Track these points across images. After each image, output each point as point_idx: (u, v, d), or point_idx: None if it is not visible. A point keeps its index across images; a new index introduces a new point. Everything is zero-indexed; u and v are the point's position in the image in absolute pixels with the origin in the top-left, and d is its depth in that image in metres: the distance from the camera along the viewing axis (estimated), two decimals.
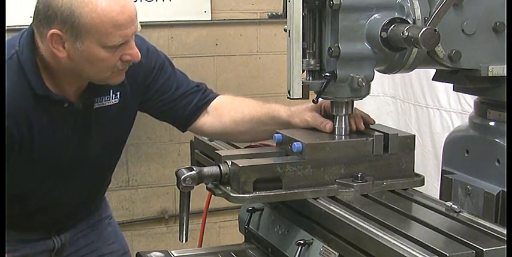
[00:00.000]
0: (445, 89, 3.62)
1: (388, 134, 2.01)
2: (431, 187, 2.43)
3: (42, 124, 2.21)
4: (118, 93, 2.36)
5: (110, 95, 2.34)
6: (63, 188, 2.37)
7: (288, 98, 1.93)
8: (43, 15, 2.10)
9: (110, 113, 2.36)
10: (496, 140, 2.08)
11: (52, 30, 2.08)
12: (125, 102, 2.38)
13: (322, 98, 1.98)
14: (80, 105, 2.28)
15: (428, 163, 3.66)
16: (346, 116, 2.04)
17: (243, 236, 2.32)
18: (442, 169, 2.32)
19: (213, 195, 2.40)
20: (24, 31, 2.25)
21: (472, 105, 2.25)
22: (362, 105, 3.90)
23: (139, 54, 2.17)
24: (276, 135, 2.07)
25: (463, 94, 3.18)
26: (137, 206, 4.46)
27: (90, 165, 2.39)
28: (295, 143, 1.95)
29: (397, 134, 2.02)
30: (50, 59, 2.16)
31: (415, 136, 2.06)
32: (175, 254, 2.20)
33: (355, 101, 2.05)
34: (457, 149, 2.25)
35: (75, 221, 2.55)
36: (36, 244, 2.46)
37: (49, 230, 2.50)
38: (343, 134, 2.04)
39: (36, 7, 2.13)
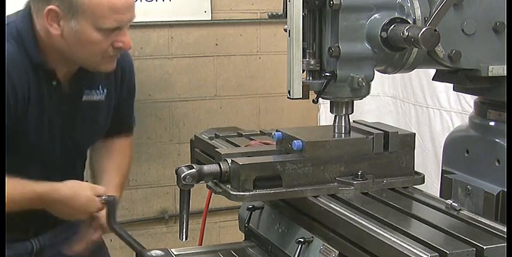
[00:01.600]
0: (445, 89, 3.62)
1: (388, 132, 2.01)
2: (432, 187, 2.43)
3: (32, 96, 2.21)
4: (105, 90, 2.39)
5: (98, 90, 2.37)
6: (39, 172, 2.34)
7: (288, 98, 1.93)
8: None
9: (98, 110, 2.39)
10: (496, 140, 2.08)
11: (49, 7, 2.10)
12: (109, 100, 2.42)
13: (322, 98, 1.98)
14: (67, 89, 2.28)
15: (428, 163, 3.66)
16: (347, 116, 2.04)
17: (243, 235, 2.32)
18: (442, 169, 2.32)
19: (212, 195, 2.41)
20: (22, 9, 2.27)
21: (472, 105, 2.25)
22: (362, 105, 3.92)
23: (131, 43, 2.18)
24: (276, 133, 2.07)
25: (463, 94, 3.18)
26: (137, 206, 4.46)
27: (65, 151, 2.40)
28: (295, 141, 1.95)
29: (397, 132, 2.02)
30: (44, 36, 2.18)
31: (415, 134, 2.06)
32: (175, 253, 2.20)
33: (355, 101, 2.05)
34: (457, 149, 2.25)
35: (54, 221, 2.48)
36: (13, 246, 2.39)
37: (27, 230, 2.45)
38: (343, 132, 2.04)
39: None
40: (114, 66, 2.27)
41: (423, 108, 3.85)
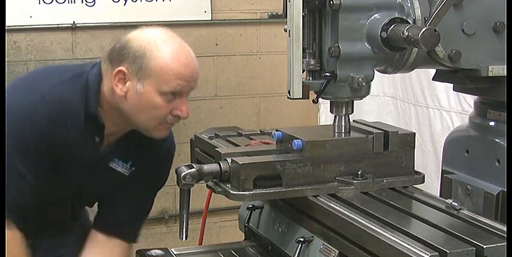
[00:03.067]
0: (445, 89, 3.62)
1: (388, 131, 2.01)
2: (432, 187, 2.43)
3: (73, 143, 2.25)
4: (133, 168, 2.40)
5: (127, 164, 2.40)
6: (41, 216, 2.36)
7: (288, 98, 1.93)
8: (117, 54, 2.21)
9: (114, 180, 2.40)
10: (496, 140, 2.08)
11: (119, 68, 2.19)
12: (129, 177, 2.41)
13: (322, 98, 1.98)
14: (103, 149, 2.33)
15: (428, 163, 3.66)
16: (347, 116, 2.04)
17: (243, 235, 2.32)
18: (442, 169, 2.32)
19: (212, 194, 2.41)
20: (94, 63, 2.34)
21: (472, 105, 2.25)
22: (362, 105, 3.92)
23: (189, 113, 2.24)
24: (276, 133, 2.07)
25: (463, 94, 3.18)
26: None
27: (69, 200, 2.42)
28: (295, 140, 1.95)
29: (397, 131, 2.02)
30: (108, 95, 2.25)
31: (415, 133, 2.06)
32: (175, 252, 2.20)
33: (355, 101, 2.04)
34: (457, 149, 2.25)
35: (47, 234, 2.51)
36: None
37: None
38: (343, 131, 2.03)
39: (113, 46, 2.26)
40: (167, 133, 2.33)
41: (423, 108, 3.85)
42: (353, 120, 2.10)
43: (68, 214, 2.49)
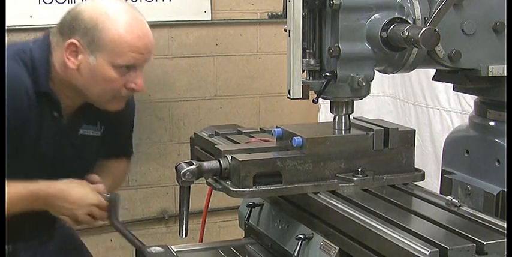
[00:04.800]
0: (445, 89, 3.62)
1: (388, 128, 2.01)
2: (432, 187, 2.42)
3: (30, 122, 2.22)
4: (103, 126, 2.41)
5: (96, 125, 2.40)
6: None
7: (288, 98, 1.93)
8: (68, 26, 2.17)
9: (91, 144, 2.41)
10: (496, 140, 2.08)
11: (71, 40, 2.15)
12: (105, 136, 2.44)
13: (322, 98, 1.98)
14: (66, 122, 2.31)
15: (428, 163, 3.66)
16: (347, 116, 2.04)
17: (243, 234, 2.32)
18: (442, 169, 2.32)
19: (212, 194, 2.41)
20: (37, 38, 2.30)
21: (472, 105, 2.25)
22: (362, 105, 3.91)
23: (143, 86, 2.21)
24: (276, 130, 2.07)
25: (463, 94, 3.18)
26: (137, 206, 4.46)
27: (54, 178, 2.37)
28: (295, 137, 1.95)
29: (397, 128, 2.02)
30: (59, 68, 2.21)
31: (415, 130, 2.06)
32: (175, 249, 2.20)
33: (355, 101, 2.04)
34: (457, 149, 2.25)
35: (33, 230, 2.49)
36: None
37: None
38: (343, 128, 2.04)
39: (63, 18, 2.21)
40: (123, 106, 2.31)
41: (423, 108, 3.85)
42: (353, 118, 2.10)
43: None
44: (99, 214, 2.33)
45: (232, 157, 1.92)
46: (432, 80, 2.25)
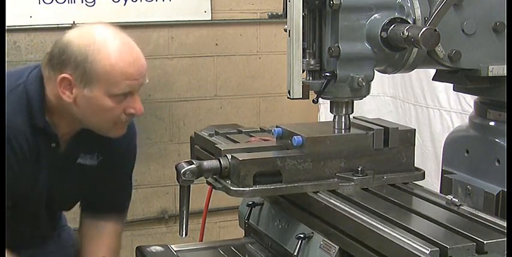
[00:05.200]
0: (445, 89, 3.62)
1: (388, 128, 2.01)
2: (432, 187, 2.42)
3: (29, 156, 2.21)
4: (100, 158, 2.39)
5: (93, 155, 2.37)
6: (24, 222, 2.36)
7: (288, 98, 1.93)
8: (57, 60, 2.13)
9: (88, 174, 2.38)
10: (496, 140, 2.08)
11: (63, 75, 2.11)
12: (102, 167, 2.41)
13: (322, 98, 1.98)
14: (63, 150, 2.29)
15: (428, 163, 3.66)
16: (347, 116, 2.04)
17: (243, 234, 2.32)
18: (442, 169, 2.32)
19: (212, 195, 2.40)
20: (33, 66, 2.26)
21: (472, 105, 2.25)
22: (362, 105, 3.91)
23: (143, 109, 2.20)
24: (276, 129, 2.07)
25: (463, 94, 3.18)
26: (137, 206, 4.46)
27: (50, 205, 2.39)
28: (295, 136, 1.95)
29: (397, 128, 2.02)
30: (55, 102, 2.19)
31: (415, 129, 2.06)
32: (175, 249, 2.20)
33: (355, 101, 2.04)
34: (457, 149, 2.25)
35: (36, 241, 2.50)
36: None
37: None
38: (343, 128, 2.03)
39: (52, 51, 2.17)
40: (125, 131, 2.28)
41: (423, 108, 3.85)
42: (353, 117, 2.10)
43: (44, 221, 2.45)
44: None
45: (232, 156, 1.92)
46: (432, 80, 2.25)
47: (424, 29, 1.78)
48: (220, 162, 1.93)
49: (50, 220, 2.50)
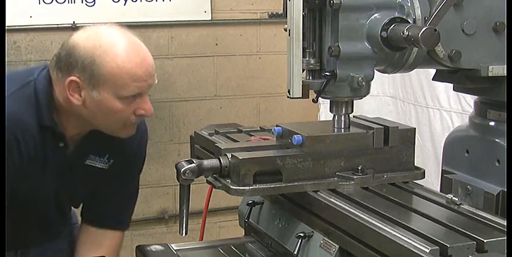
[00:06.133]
0: (445, 89, 3.62)
1: (388, 127, 2.01)
2: (432, 187, 2.42)
3: (36, 156, 2.21)
4: (111, 160, 2.37)
5: (104, 158, 2.36)
6: (32, 223, 2.36)
7: (287, 97, 1.93)
8: (64, 62, 2.12)
9: (96, 176, 2.38)
10: (496, 140, 2.08)
11: (71, 78, 2.10)
12: (110, 170, 2.40)
13: (322, 97, 1.98)
14: (72, 150, 2.29)
15: (428, 163, 3.66)
16: (346, 115, 2.04)
17: (243, 233, 2.32)
18: (442, 169, 2.32)
19: (212, 195, 2.40)
20: (42, 68, 2.25)
21: (472, 105, 2.25)
22: (362, 105, 3.91)
23: (152, 109, 2.19)
24: (276, 128, 2.07)
25: (463, 94, 3.18)
26: (137, 206, 4.41)
27: (59, 205, 2.40)
28: (295, 135, 1.95)
29: (397, 127, 2.02)
30: (64, 103, 2.19)
31: (415, 128, 2.06)
32: (175, 248, 2.20)
33: (355, 101, 2.04)
34: (457, 149, 2.25)
35: (42, 238, 2.49)
36: None
37: (14, 243, 2.36)
38: (343, 127, 2.03)
39: (58, 53, 2.16)
40: (135, 131, 2.27)
41: (423, 108, 3.85)
42: (353, 116, 2.10)
43: (53, 219, 2.45)
44: None
45: (232, 155, 1.92)
46: (432, 80, 2.25)
47: (424, 29, 1.78)
48: (220, 161, 1.93)
49: (60, 217, 2.50)
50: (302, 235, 1.92)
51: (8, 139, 2.09)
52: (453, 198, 1.81)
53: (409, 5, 1.91)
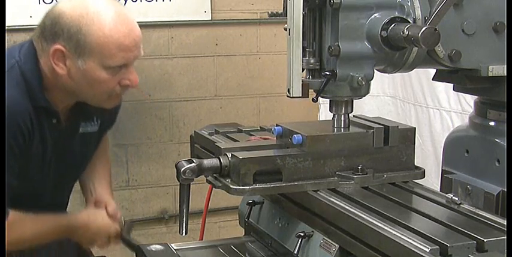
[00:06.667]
0: (445, 89, 3.62)
1: (388, 126, 2.01)
2: (432, 187, 2.42)
3: (35, 135, 2.20)
4: (99, 121, 2.39)
5: (93, 121, 2.37)
6: (31, 199, 2.35)
7: (287, 96, 1.93)
8: (49, 31, 2.09)
9: (90, 140, 2.40)
10: (496, 140, 2.08)
11: (56, 46, 2.08)
12: (101, 131, 2.43)
13: (321, 97, 1.98)
14: (65, 124, 2.29)
15: (428, 163, 3.66)
16: (346, 115, 2.04)
17: (243, 233, 2.32)
18: (442, 169, 2.32)
19: (212, 195, 2.40)
20: (23, 43, 2.23)
21: (472, 105, 2.25)
22: (362, 105, 3.91)
23: (138, 80, 2.18)
24: (276, 128, 2.07)
25: (463, 94, 3.18)
26: (137, 206, 4.46)
27: (57, 179, 2.40)
28: (295, 135, 1.95)
29: (398, 126, 2.02)
30: (49, 75, 2.16)
31: (415, 128, 2.07)
32: (175, 247, 2.20)
33: (354, 101, 2.04)
34: (457, 149, 2.25)
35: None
36: None
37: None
38: (343, 126, 2.03)
39: (43, 23, 2.13)
40: (119, 102, 2.28)
41: (423, 108, 3.85)
42: (353, 116, 2.10)
43: (57, 194, 2.46)
44: (115, 240, 2.48)
45: (232, 154, 1.92)
46: (432, 80, 2.25)
47: (424, 29, 1.78)
48: (220, 160, 1.93)
49: (58, 193, 2.50)
50: (302, 234, 1.92)
51: (10, 128, 2.07)
52: (453, 197, 1.82)
53: (409, 4, 1.91)
